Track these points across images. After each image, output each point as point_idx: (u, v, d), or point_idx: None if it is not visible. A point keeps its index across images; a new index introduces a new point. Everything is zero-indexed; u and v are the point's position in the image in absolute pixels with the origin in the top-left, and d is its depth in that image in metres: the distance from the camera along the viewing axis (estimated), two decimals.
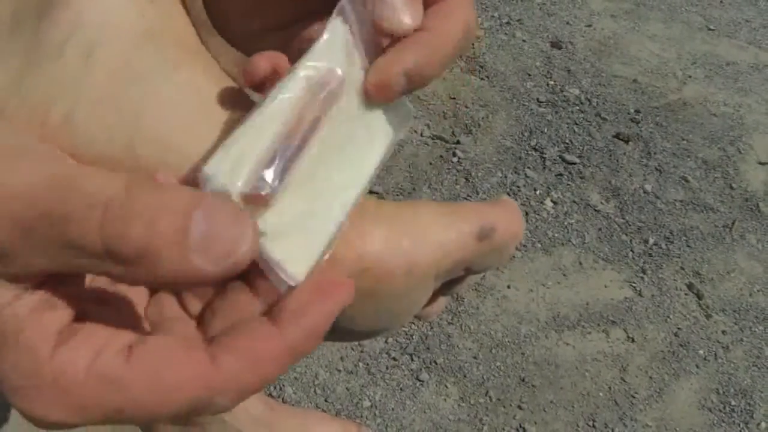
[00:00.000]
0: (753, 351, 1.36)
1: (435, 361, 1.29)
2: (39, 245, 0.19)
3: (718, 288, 1.46)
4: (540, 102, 1.81)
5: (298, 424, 1.13)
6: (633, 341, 1.35)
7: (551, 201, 1.58)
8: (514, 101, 1.81)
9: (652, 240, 1.53)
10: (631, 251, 1.50)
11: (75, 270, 0.20)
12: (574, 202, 1.58)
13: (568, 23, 2.08)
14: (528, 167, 1.65)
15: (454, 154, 1.65)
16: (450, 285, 0.29)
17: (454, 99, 1.79)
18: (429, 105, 1.76)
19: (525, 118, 1.77)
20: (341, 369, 1.26)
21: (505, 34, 2.02)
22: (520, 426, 1.22)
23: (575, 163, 1.66)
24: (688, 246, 1.53)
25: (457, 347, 1.31)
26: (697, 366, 1.33)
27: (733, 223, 1.58)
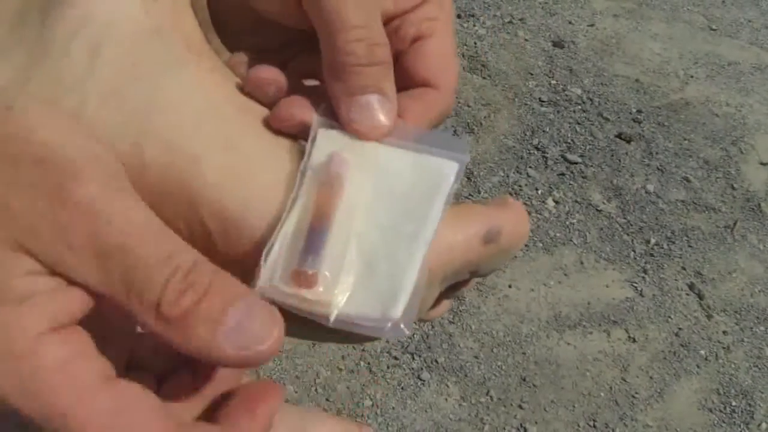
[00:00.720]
0: (754, 351, 1.36)
1: (436, 361, 1.29)
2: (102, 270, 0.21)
3: (719, 288, 1.46)
4: (542, 101, 1.81)
5: (298, 422, 1.13)
6: (634, 341, 1.35)
7: (553, 200, 1.58)
8: (516, 100, 1.80)
9: (653, 240, 1.52)
10: (633, 251, 1.50)
11: (120, 307, 0.21)
12: (575, 201, 1.58)
13: (570, 23, 2.08)
14: (530, 166, 1.64)
15: None
16: (454, 288, 0.29)
17: (455, 98, 1.78)
18: None
19: (527, 117, 1.76)
20: (342, 368, 1.26)
21: (508, 33, 2.01)
22: (520, 425, 1.22)
23: (577, 163, 1.66)
24: (689, 246, 1.53)
25: (459, 346, 1.31)
26: (698, 366, 1.33)
27: (735, 224, 1.58)
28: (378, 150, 0.26)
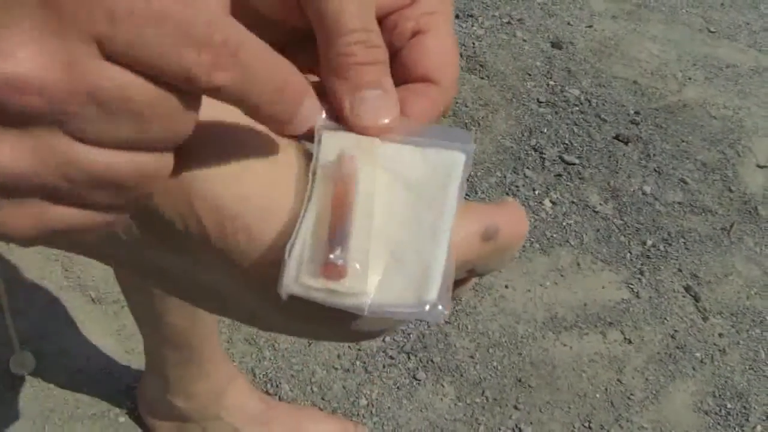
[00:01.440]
0: (749, 354, 1.37)
1: (432, 360, 1.29)
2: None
3: (715, 291, 1.46)
4: (540, 102, 1.81)
5: (294, 421, 1.13)
6: (630, 343, 1.36)
7: (550, 201, 1.58)
8: (514, 101, 1.81)
9: (650, 241, 1.53)
10: (629, 252, 1.50)
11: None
12: (572, 202, 1.58)
13: (568, 23, 2.08)
14: (527, 167, 1.64)
15: None
16: (453, 287, 0.29)
17: (453, 98, 1.79)
18: None
19: (525, 118, 1.77)
20: (338, 367, 1.26)
21: (506, 33, 2.01)
22: (516, 426, 1.22)
23: (574, 164, 1.66)
24: (686, 248, 1.53)
25: (455, 346, 1.31)
26: (694, 368, 1.33)
27: (731, 226, 1.58)
28: (386, 146, 0.26)
